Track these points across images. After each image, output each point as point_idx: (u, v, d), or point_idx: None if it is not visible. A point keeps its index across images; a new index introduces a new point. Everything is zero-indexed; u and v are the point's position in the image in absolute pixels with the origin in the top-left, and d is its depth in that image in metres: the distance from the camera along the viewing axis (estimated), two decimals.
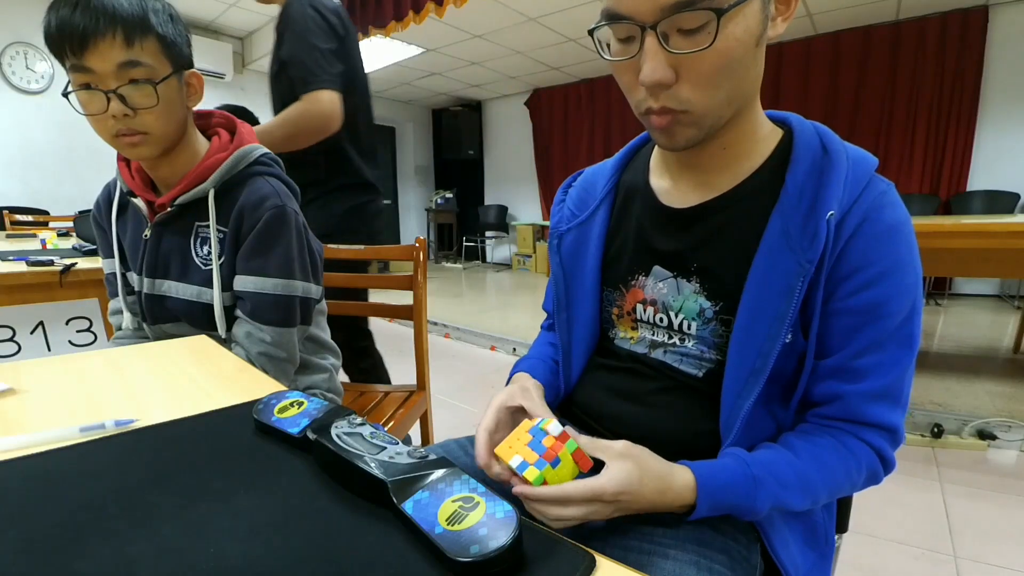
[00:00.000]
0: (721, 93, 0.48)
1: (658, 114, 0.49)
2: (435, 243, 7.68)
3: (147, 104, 0.75)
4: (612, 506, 0.46)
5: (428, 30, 4.17)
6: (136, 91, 0.74)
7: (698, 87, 0.47)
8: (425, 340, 1.34)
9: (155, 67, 0.75)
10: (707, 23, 0.43)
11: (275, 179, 0.88)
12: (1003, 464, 1.77)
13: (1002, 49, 3.95)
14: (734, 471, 0.49)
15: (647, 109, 0.50)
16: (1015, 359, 2.74)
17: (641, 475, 0.46)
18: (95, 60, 0.71)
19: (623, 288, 0.63)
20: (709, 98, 0.48)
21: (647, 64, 0.46)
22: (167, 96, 0.77)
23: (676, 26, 0.44)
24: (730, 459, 0.51)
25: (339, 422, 0.41)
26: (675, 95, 0.47)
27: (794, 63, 4.72)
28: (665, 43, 0.45)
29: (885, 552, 1.33)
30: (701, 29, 0.44)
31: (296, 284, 0.86)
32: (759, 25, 0.46)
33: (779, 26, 0.49)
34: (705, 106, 0.48)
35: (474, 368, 2.97)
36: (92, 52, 0.70)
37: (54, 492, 0.37)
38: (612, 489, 0.45)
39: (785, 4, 0.49)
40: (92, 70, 0.71)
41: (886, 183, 0.52)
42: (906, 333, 0.50)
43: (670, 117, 0.49)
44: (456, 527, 0.30)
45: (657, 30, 0.44)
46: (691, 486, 0.48)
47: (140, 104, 0.75)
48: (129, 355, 0.71)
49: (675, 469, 0.49)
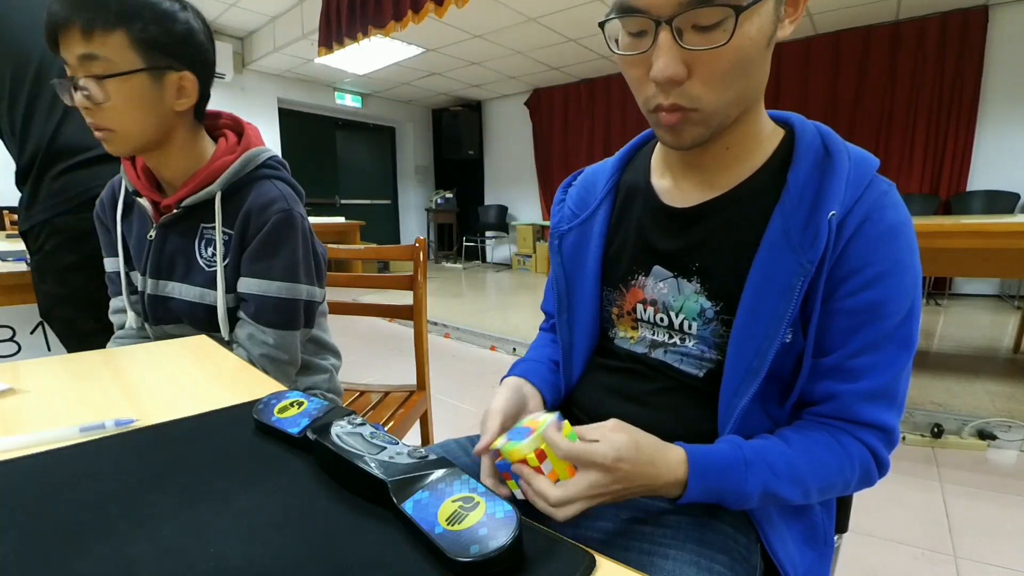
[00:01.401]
0: (731, 92, 0.48)
1: (668, 111, 0.48)
2: (435, 243, 7.68)
3: (100, 100, 0.73)
4: (611, 476, 0.45)
5: (428, 30, 4.17)
6: (93, 85, 0.72)
7: (710, 85, 0.46)
8: (425, 340, 1.34)
9: (115, 62, 0.72)
10: (724, 20, 0.43)
11: (282, 182, 0.88)
12: (1003, 464, 1.77)
13: (1002, 49, 3.95)
14: (726, 453, 0.49)
15: (656, 106, 0.49)
16: (1015, 359, 2.74)
17: (636, 443, 0.46)
18: (64, 51, 0.71)
19: (623, 288, 0.63)
20: (719, 96, 0.47)
21: (660, 59, 0.45)
22: (131, 93, 0.74)
23: (692, 22, 0.44)
24: (723, 443, 0.51)
25: (339, 422, 0.41)
26: (686, 92, 0.47)
27: (794, 63, 4.72)
28: (679, 39, 0.44)
29: (885, 552, 1.33)
30: (717, 26, 0.43)
31: (300, 288, 0.86)
32: (771, 25, 0.46)
33: (786, 28, 0.49)
34: (715, 105, 0.48)
35: (474, 368, 2.97)
36: (61, 43, 0.71)
37: (54, 492, 0.37)
38: (612, 455, 0.45)
39: (793, 6, 0.49)
40: (66, 61, 0.72)
41: (888, 183, 0.52)
42: (904, 334, 0.50)
43: (679, 115, 0.48)
44: (456, 527, 0.30)
45: (672, 25, 0.44)
46: (682, 460, 0.48)
47: (96, 99, 0.73)
48: (129, 355, 0.71)
49: (667, 445, 0.49)
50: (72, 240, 1.06)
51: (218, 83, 5.19)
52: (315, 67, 5.38)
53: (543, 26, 4.42)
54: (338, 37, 3.91)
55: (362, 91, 6.64)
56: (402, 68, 5.53)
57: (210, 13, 4.50)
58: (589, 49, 5.04)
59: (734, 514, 0.55)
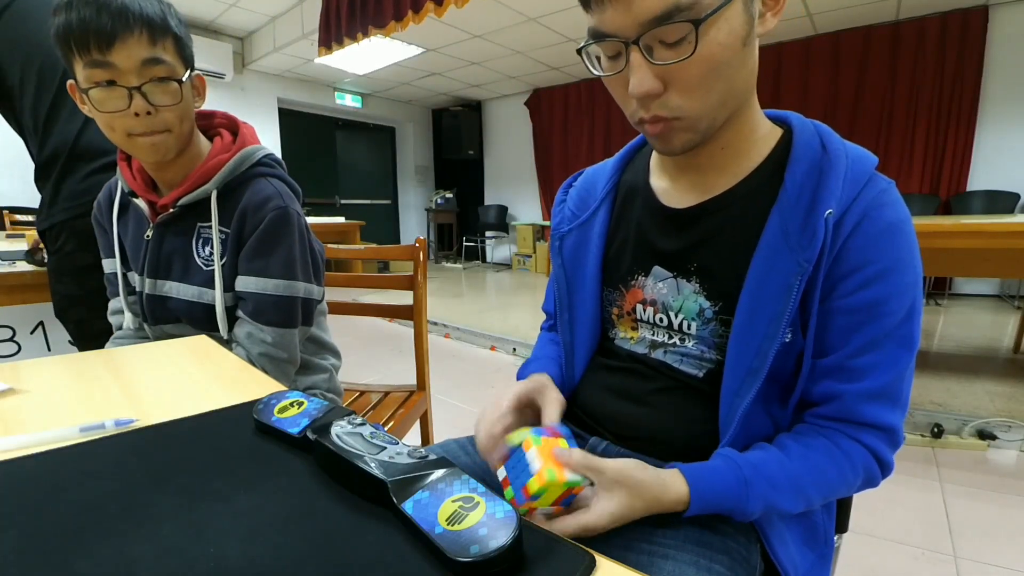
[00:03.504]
0: (713, 96, 0.48)
1: (651, 123, 0.50)
2: (435, 243, 7.68)
3: (170, 101, 0.77)
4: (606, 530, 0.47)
5: (428, 30, 4.17)
6: (158, 88, 0.75)
7: (687, 94, 0.47)
8: (425, 340, 1.34)
9: (174, 66, 0.76)
10: (686, 35, 0.44)
11: (278, 180, 0.88)
12: (1003, 464, 1.77)
13: (1002, 49, 3.95)
14: (725, 475, 0.49)
15: (640, 119, 0.51)
16: (1015, 359, 2.74)
17: (632, 502, 0.47)
18: (120, 57, 0.71)
19: (623, 288, 0.63)
20: (700, 103, 0.48)
21: (634, 77, 0.47)
22: (183, 95, 0.78)
23: (658, 38, 0.45)
24: (721, 461, 0.51)
25: (339, 422, 0.41)
26: (665, 103, 0.48)
27: (794, 63, 4.72)
28: (649, 56, 0.46)
29: (885, 552, 1.33)
30: (682, 40, 0.45)
31: (298, 285, 0.86)
32: (744, 25, 0.46)
33: (769, 21, 0.49)
34: (697, 111, 0.48)
35: (474, 368, 2.97)
36: (119, 49, 0.71)
37: (54, 492, 0.37)
38: (604, 524, 0.46)
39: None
40: (116, 66, 0.72)
41: (886, 181, 0.51)
42: (905, 333, 0.50)
43: (663, 125, 0.50)
44: (456, 527, 0.30)
45: (640, 44, 0.45)
46: (684, 499, 0.48)
47: (162, 101, 0.76)
48: (129, 355, 0.71)
49: (667, 481, 0.49)
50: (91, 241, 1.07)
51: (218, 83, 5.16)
52: (315, 67, 5.38)
53: (543, 26, 4.42)
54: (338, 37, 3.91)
55: (362, 91, 6.64)
56: (402, 68, 5.53)
57: (210, 13, 4.50)
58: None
59: None
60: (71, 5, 0.69)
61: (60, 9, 0.70)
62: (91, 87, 0.73)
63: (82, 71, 0.72)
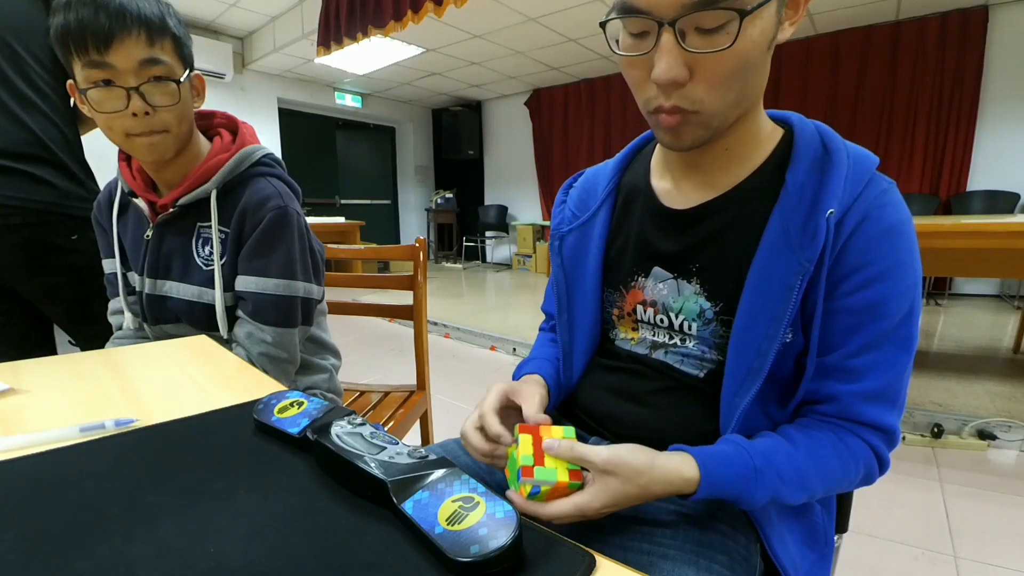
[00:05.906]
0: (732, 94, 0.47)
1: (668, 113, 0.48)
2: (435, 243, 7.68)
3: (168, 102, 0.77)
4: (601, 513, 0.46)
5: (428, 30, 4.17)
6: (157, 88, 0.75)
7: (712, 88, 0.46)
8: (425, 340, 1.34)
9: (172, 66, 0.77)
10: (728, 23, 0.43)
11: (277, 180, 0.88)
12: (1003, 464, 1.77)
13: (1002, 49, 3.95)
14: (736, 462, 0.48)
15: (657, 107, 0.48)
16: (1015, 359, 2.73)
17: (625, 488, 0.45)
18: (118, 57, 0.71)
19: (623, 289, 0.63)
20: (721, 99, 0.47)
21: (662, 61, 0.44)
22: (182, 95, 0.78)
23: (695, 24, 0.43)
24: (731, 448, 0.50)
25: (339, 422, 0.41)
26: (687, 95, 0.47)
27: (794, 63, 4.72)
28: (682, 41, 0.44)
29: (885, 552, 1.33)
30: (720, 29, 0.43)
31: (297, 285, 0.86)
32: (773, 28, 0.46)
33: (786, 30, 0.49)
34: (716, 107, 0.47)
35: (474, 368, 2.97)
36: (116, 49, 0.71)
37: (54, 492, 0.37)
38: (596, 506, 0.45)
39: (794, 8, 0.49)
40: (114, 66, 0.72)
41: (888, 182, 0.51)
42: (904, 334, 0.50)
43: (680, 117, 0.48)
44: (456, 527, 0.30)
45: (675, 27, 0.43)
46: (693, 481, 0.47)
47: (160, 102, 0.76)
48: (129, 355, 0.71)
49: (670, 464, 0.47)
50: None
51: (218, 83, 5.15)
52: (315, 67, 5.37)
53: (543, 26, 4.41)
54: (337, 37, 3.91)
55: (362, 91, 6.64)
56: (402, 68, 5.53)
57: (210, 13, 4.50)
58: (589, 49, 5.04)
59: (734, 514, 0.55)
60: (69, 5, 0.69)
61: (58, 9, 0.70)
62: (89, 87, 0.73)
63: (80, 71, 0.72)
